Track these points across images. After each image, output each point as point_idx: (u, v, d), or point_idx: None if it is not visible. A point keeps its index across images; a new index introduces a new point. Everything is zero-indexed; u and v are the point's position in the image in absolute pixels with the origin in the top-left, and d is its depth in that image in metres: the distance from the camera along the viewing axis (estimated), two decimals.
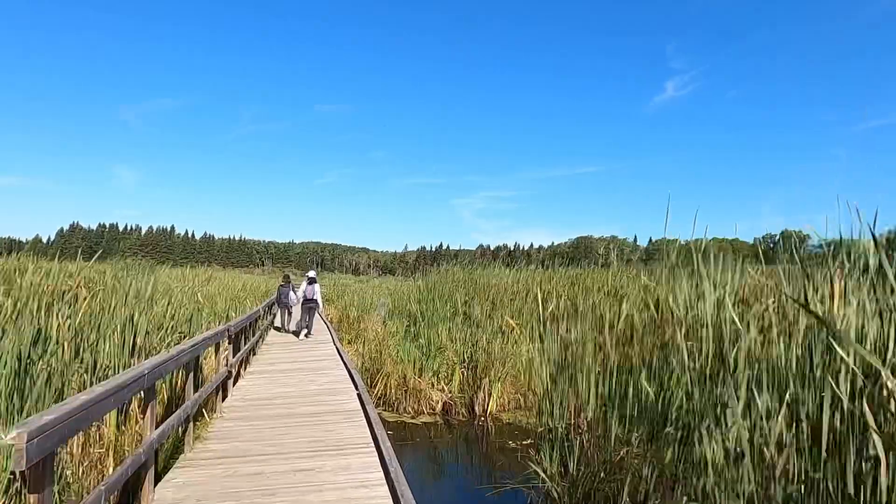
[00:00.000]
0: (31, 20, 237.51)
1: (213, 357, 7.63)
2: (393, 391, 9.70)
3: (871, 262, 3.30)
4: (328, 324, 16.86)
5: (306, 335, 13.27)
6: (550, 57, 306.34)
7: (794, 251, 3.82)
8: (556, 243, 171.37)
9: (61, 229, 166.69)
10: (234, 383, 7.68)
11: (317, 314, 14.14)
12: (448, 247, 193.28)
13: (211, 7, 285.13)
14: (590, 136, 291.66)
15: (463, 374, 10.14)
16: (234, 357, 7.45)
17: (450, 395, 9.80)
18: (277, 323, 15.63)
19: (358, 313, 18.06)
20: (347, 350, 12.20)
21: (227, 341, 7.04)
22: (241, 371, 8.56)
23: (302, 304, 13.48)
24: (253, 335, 10.43)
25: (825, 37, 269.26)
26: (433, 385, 9.84)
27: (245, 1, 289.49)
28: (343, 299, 24.93)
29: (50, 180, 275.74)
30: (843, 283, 3.23)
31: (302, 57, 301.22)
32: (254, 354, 10.43)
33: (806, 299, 3.35)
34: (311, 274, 14.05)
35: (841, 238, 3.51)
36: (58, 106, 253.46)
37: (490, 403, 9.37)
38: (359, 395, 7.06)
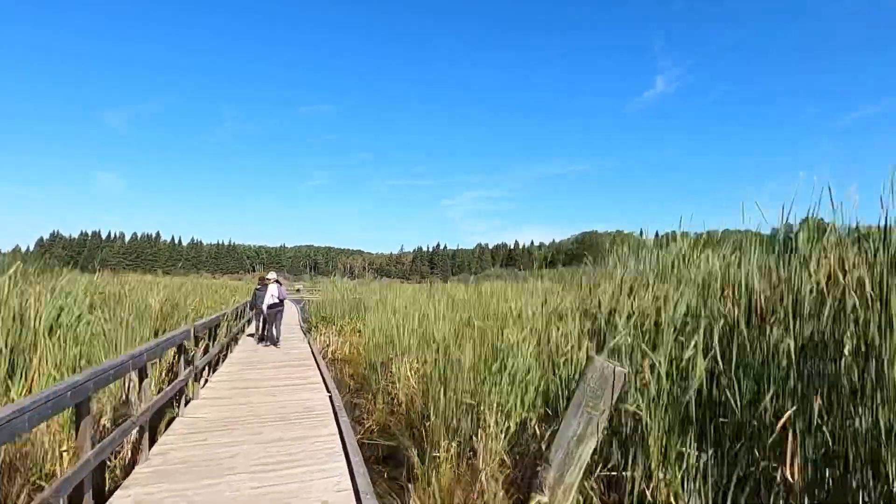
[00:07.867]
0: (8, 19, 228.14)
1: None
2: None
3: None
4: (328, 382, 8.07)
5: (275, 343, 12.64)
6: (538, 54, 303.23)
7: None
8: (557, 240, 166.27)
9: (41, 238, 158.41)
10: None
11: (307, 344, 13.35)
12: (445, 247, 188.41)
13: (195, 8, 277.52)
14: (580, 134, 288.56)
15: None
16: None
17: None
18: (251, 330, 14.95)
19: (420, 382, 6.86)
20: None
21: None
22: None
23: (267, 310, 12.71)
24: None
25: (805, 30, 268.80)
26: None
27: (227, 2, 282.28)
28: (362, 321, 14.19)
29: (29, 187, 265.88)
30: None
31: (286, 57, 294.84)
32: None
33: None
34: (271, 276, 13.10)
35: None
36: (38, 111, 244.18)
37: None
38: None
